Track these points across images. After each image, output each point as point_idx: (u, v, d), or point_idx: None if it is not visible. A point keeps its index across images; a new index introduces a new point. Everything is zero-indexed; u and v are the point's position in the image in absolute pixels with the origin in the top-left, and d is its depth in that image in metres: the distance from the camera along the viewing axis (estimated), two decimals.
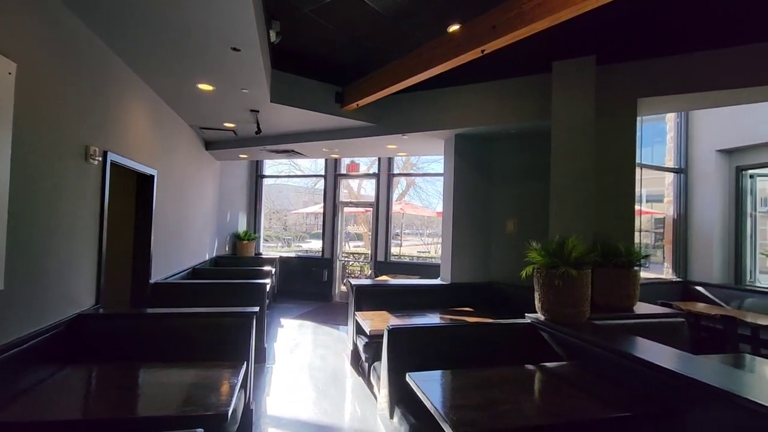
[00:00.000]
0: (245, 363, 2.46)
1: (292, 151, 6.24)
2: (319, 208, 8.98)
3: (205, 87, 3.79)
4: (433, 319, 3.94)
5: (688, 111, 6.18)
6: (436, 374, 2.15)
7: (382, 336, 2.80)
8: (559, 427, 1.73)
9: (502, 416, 1.71)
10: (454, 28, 3.13)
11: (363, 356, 3.88)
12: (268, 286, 4.66)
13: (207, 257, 6.78)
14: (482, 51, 2.90)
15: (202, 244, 6.49)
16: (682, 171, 6.34)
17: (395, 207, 10.03)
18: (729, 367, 2.03)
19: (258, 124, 4.87)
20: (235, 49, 2.88)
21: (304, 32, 3.50)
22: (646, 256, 3.36)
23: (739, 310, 5.11)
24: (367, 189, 9.68)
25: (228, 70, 3.35)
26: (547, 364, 2.48)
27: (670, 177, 6.49)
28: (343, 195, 9.03)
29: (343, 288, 8.36)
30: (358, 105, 4.42)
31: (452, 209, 4.71)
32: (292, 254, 9.25)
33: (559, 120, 3.69)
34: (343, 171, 8.71)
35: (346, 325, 5.33)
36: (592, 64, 3.60)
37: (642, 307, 3.45)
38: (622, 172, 3.67)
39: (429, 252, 10.09)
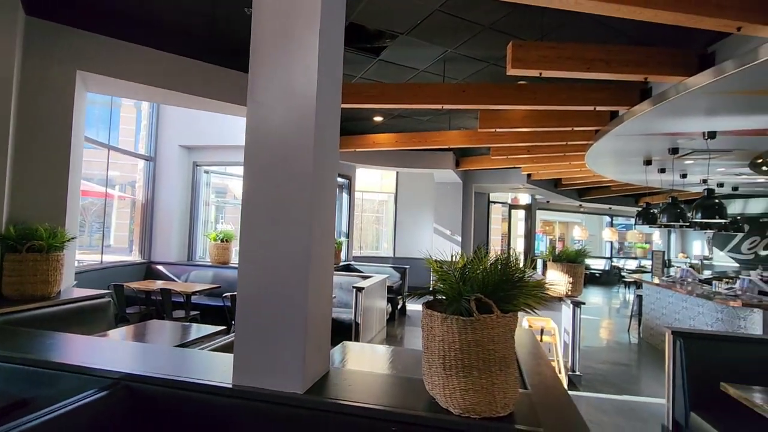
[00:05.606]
0: None
1: None
2: None
3: None
4: None
5: (153, 102, 6.66)
6: None
7: None
8: None
9: None
10: None
11: None
12: None
13: None
14: None
15: None
16: (151, 159, 6.78)
17: None
18: (85, 337, 2.20)
19: None
20: None
21: None
22: (72, 239, 3.19)
23: (187, 282, 6.10)
24: None
25: None
26: None
27: (142, 163, 6.77)
28: None
29: None
30: None
31: None
32: None
33: None
34: None
35: None
36: (17, 10, 2.98)
37: (71, 293, 3.27)
38: (57, 147, 3.30)
39: None
